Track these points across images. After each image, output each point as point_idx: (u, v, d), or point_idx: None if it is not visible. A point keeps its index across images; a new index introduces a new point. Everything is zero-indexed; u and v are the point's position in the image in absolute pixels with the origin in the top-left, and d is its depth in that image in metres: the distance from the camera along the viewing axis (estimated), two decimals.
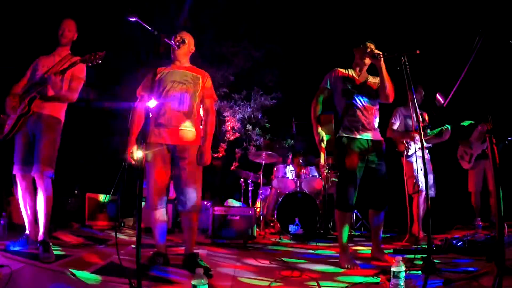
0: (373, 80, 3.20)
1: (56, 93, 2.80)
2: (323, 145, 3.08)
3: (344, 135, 3.08)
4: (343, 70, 3.22)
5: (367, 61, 3.16)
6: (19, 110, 2.81)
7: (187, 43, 2.84)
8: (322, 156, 3.15)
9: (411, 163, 4.32)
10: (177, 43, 2.75)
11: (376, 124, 3.18)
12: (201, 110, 2.90)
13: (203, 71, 2.92)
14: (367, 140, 3.07)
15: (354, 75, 3.20)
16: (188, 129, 2.71)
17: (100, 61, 2.75)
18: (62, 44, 3.03)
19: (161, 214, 2.69)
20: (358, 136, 3.05)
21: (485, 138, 4.74)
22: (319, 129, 3.13)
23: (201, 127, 2.88)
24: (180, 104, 2.70)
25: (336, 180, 5.09)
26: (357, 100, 3.09)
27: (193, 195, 2.64)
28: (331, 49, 6.92)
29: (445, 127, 4.38)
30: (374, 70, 3.14)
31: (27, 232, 2.92)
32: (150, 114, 2.74)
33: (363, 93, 3.12)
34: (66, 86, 2.87)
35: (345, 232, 3.03)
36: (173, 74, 2.78)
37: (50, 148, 2.82)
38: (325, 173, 5.19)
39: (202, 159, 2.69)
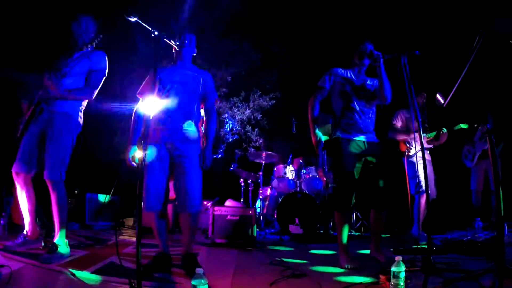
0: (371, 82, 3.20)
1: (56, 94, 2.75)
2: (321, 147, 3.09)
3: (340, 136, 3.07)
4: (342, 71, 3.20)
5: (366, 61, 3.15)
6: (29, 112, 2.79)
7: (190, 44, 2.84)
8: (319, 160, 3.17)
9: (413, 164, 4.32)
10: (178, 43, 2.75)
11: (373, 127, 3.18)
12: (201, 111, 2.90)
13: (204, 71, 2.92)
14: (364, 142, 3.07)
15: (352, 76, 3.18)
16: (188, 129, 2.70)
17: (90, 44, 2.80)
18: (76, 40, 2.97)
19: (160, 215, 2.67)
20: (355, 138, 3.06)
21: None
22: (317, 130, 3.13)
23: (202, 127, 2.87)
24: (180, 104, 2.69)
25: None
26: (355, 104, 3.09)
27: (192, 196, 2.62)
28: (330, 49, 6.93)
29: (443, 130, 4.38)
30: (372, 72, 3.14)
31: (25, 231, 2.91)
32: (151, 115, 2.74)
33: (360, 96, 3.12)
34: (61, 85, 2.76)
35: (345, 232, 3.04)
36: (174, 74, 2.77)
37: (60, 149, 2.74)
38: (324, 179, 5.17)
39: (205, 162, 2.68)
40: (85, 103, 3.00)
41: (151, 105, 2.64)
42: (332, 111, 3.22)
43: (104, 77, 2.97)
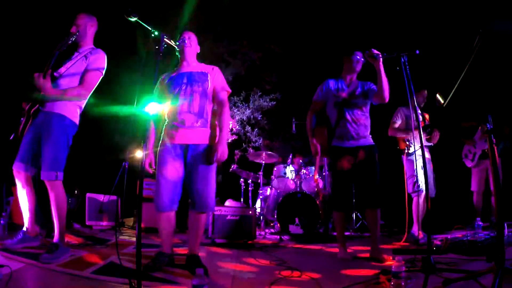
0: (361, 88, 3.33)
1: (45, 94, 2.71)
2: (318, 157, 3.39)
3: (336, 144, 3.32)
4: (334, 82, 3.40)
5: (358, 68, 3.29)
6: (32, 110, 2.79)
7: (191, 43, 2.83)
8: (316, 169, 3.41)
9: (412, 162, 4.32)
10: (178, 43, 2.75)
11: (367, 132, 3.34)
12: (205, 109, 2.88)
13: (211, 66, 2.90)
14: (357, 147, 3.26)
15: (344, 86, 3.35)
16: (200, 129, 2.70)
17: (71, 39, 2.80)
18: (77, 41, 2.95)
19: (171, 216, 2.66)
20: (348, 146, 3.27)
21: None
22: (314, 141, 3.40)
23: (215, 123, 2.85)
24: (190, 105, 2.69)
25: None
26: (347, 113, 3.29)
27: (205, 195, 2.62)
28: (330, 48, 6.93)
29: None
30: (364, 76, 3.23)
31: (24, 228, 2.91)
32: (164, 118, 2.78)
33: (352, 105, 3.30)
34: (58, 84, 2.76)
35: (342, 229, 3.34)
36: (181, 76, 2.78)
37: (54, 150, 2.72)
38: (317, 189, 5.22)
39: (218, 154, 2.61)
40: (82, 103, 2.95)
41: (163, 109, 2.71)
42: (328, 119, 3.42)
43: (101, 77, 2.93)
